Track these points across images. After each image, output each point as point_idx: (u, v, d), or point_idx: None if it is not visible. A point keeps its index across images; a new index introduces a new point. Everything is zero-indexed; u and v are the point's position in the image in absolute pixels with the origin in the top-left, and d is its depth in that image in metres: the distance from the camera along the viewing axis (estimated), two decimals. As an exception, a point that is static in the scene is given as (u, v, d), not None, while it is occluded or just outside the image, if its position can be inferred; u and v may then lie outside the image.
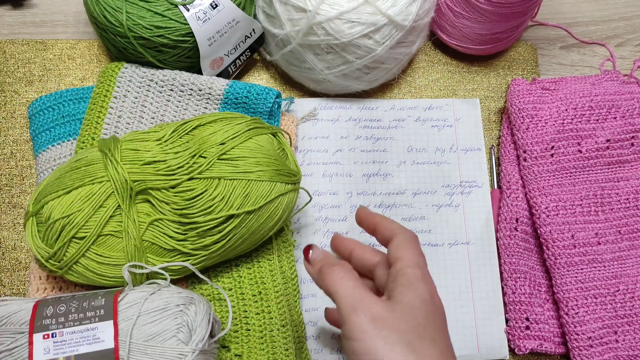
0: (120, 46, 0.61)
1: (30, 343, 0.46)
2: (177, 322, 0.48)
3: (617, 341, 0.60)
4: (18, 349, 0.46)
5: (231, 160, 0.52)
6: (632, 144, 0.66)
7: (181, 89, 0.62)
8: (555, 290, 0.62)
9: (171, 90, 0.63)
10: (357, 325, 0.40)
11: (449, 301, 0.63)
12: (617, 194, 0.65)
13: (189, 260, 0.52)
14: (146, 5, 0.58)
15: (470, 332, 0.62)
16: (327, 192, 0.65)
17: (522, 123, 0.66)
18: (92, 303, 0.48)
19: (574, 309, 0.60)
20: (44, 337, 0.46)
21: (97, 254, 0.51)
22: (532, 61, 0.74)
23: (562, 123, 0.65)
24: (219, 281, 0.58)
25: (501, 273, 0.64)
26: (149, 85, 0.63)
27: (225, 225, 0.52)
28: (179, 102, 0.63)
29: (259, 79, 0.70)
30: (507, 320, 0.62)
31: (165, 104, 0.63)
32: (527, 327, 0.61)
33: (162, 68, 0.63)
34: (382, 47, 0.61)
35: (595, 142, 0.65)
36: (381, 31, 0.60)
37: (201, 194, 0.51)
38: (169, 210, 0.51)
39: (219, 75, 0.65)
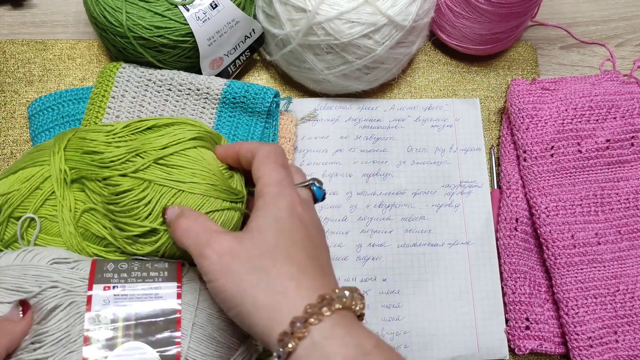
0: (120, 46, 0.61)
1: (89, 295, 0.45)
2: None
3: (617, 341, 0.60)
4: (82, 293, 0.46)
5: (166, 166, 0.50)
6: (632, 144, 0.66)
7: (179, 89, 0.62)
8: (555, 290, 0.62)
9: (169, 89, 0.63)
10: (208, 266, 0.40)
11: (449, 301, 0.63)
12: (617, 194, 0.65)
13: (127, 255, 0.51)
14: (146, 5, 0.58)
15: (471, 332, 0.62)
16: (326, 192, 0.65)
17: (522, 123, 0.66)
18: (156, 265, 0.48)
19: (574, 309, 0.60)
20: (104, 289, 0.46)
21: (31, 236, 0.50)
22: (532, 61, 0.74)
23: (562, 123, 0.65)
24: None
25: (501, 273, 0.64)
26: (146, 85, 0.63)
27: (152, 237, 0.49)
28: (177, 101, 0.63)
29: (259, 79, 0.70)
30: (507, 320, 0.63)
31: (163, 104, 0.63)
32: (527, 327, 0.61)
33: (161, 68, 0.63)
34: (382, 47, 0.61)
35: (595, 142, 0.65)
36: (381, 31, 0.60)
37: (127, 191, 0.49)
38: (99, 203, 0.50)
39: (218, 75, 0.65)
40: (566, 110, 0.66)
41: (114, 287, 0.46)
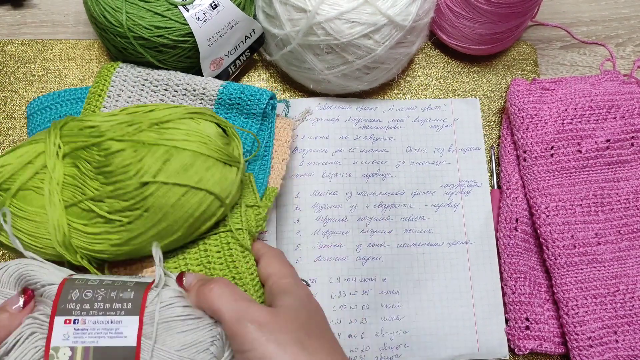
0: (120, 46, 0.61)
1: (51, 327, 0.45)
2: (212, 334, 0.46)
3: (617, 341, 0.60)
4: (43, 325, 0.45)
5: (161, 129, 0.50)
6: (632, 144, 0.66)
7: (175, 89, 0.62)
8: (555, 290, 0.62)
9: (165, 90, 0.62)
10: (246, 335, 0.41)
11: (448, 300, 0.63)
12: (617, 194, 0.65)
13: (109, 227, 0.51)
14: (146, 5, 0.58)
15: (470, 332, 0.62)
16: (326, 192, 0.65)
17: (522, 123, 0.66)
18: (121, 294, 0.46)
19: (574, 309, 0.60)
20: (65, 322, 0.45)
21: (16, 208, 0.50)
22: (532, 61, 0.74)
23: (562, 123, 0.65)
24: (187, 265, 0.55)
25: (501, 273, 0.64)
26: (143, 85, 0.62)
27: (140, 190, 0.49)
28: (173, 102, 0.62)
29: (259, 79, 0.70)
30: (507, 320, 0.63)
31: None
32: (527, 327, 0.61)
33: (160, 68, 0.63)
34: (382, 47, 0.61)
35: (595, 142, 0.65)
36: (381, 31, 0.60)
37: (118, 151, 0.49)
38: (90, 170, 0.50)
39: (218, 75, 0.65)
40: (566, 110, 0.66)
41: (74, 320, 0.45)
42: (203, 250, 0.55)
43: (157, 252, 0.48)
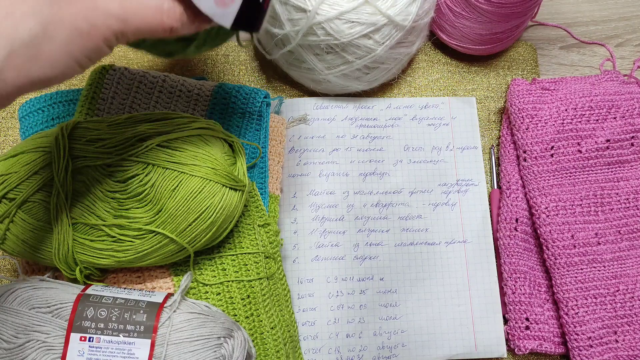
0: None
1: (67, 343, 0.46)
2: (216, 355, 0.48)
3: (617, 341, 0.60)
4: (58, 344, 0.47)
5: (169, 148, 0.51)
6: (632, 144, 0.66)
7: (170, 90, 0.62)
8: (555, 290, 0.62)
9: (160, 92, 0.62)
10: None
11: (446, 299, 0.63)
12: (617, 194, 0.65)
13: (116, 245, 0.52)
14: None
15: (468, 331, 0.62)
16: (323, 191, 0.65)
17: (522, 123, 0.66)
18: (134, 316, 0.48)
19: (573, 309, 0.60)
20: (80, 339, 0.47)
21: (22, 219, 0.51)
22: (532, 61, 0.74)
23: (562, 123, 0.65)
24: (207, 286, 0.57)
25: (501, 273, 0.64)
26: (137, 87, 0.62)
27: (150, 219, 0.51)
28: (167, 103, 0.62)
29: (260, 79, 0.71)
30: (507, 320, 0.62)
31: (153, 105, 0.61)
32: (527, 327, 0.61)
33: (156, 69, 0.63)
34: (382, 47, 0.61)
35: (595, 142, 0.65)
36: (381, 31, 0.60)
37: (132, 177, 0.51)
38: (101, 191, 0.51)
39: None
40: (566, 110, 0.66)
41: (90, 338, 0.47)
42: (221, 270, 0.58)
43: (185, 281, 0.51)
